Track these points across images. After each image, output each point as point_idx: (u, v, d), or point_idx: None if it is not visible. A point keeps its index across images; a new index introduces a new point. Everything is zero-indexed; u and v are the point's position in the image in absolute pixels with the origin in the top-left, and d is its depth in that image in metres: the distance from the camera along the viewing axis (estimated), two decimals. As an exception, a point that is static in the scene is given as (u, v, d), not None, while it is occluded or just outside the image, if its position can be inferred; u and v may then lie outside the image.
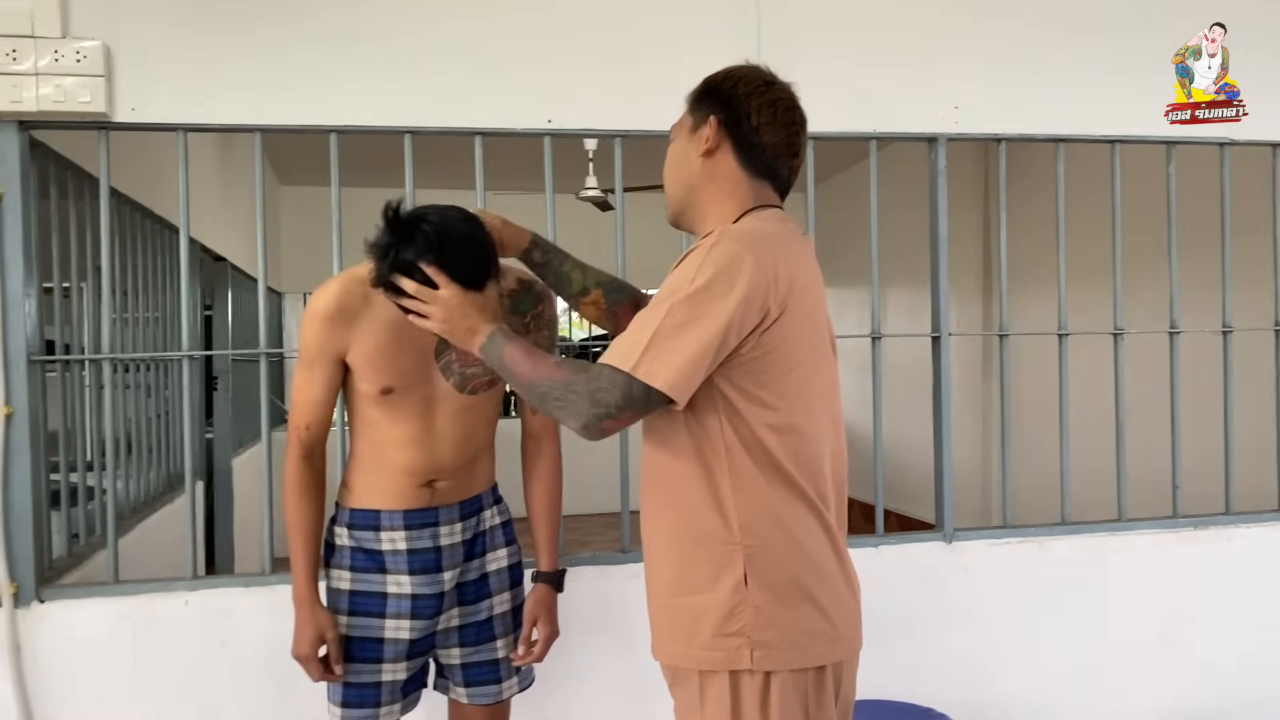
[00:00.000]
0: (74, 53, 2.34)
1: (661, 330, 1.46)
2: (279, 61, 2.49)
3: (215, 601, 2.46)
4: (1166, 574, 2.93)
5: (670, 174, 1.72)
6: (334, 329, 1.88)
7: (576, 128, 2.65)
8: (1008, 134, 2.84)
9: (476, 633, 2.05)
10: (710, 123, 1.64)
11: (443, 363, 1.94)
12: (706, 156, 1.65)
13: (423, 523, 1.97)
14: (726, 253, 1.48)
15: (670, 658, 1.60)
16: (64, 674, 2.37)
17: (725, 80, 1.67)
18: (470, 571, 2.04)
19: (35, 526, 2.39)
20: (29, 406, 2.37)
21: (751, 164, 1.65)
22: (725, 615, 1.52)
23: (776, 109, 1.64)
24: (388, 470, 1.96)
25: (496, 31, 2.59)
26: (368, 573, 1.98)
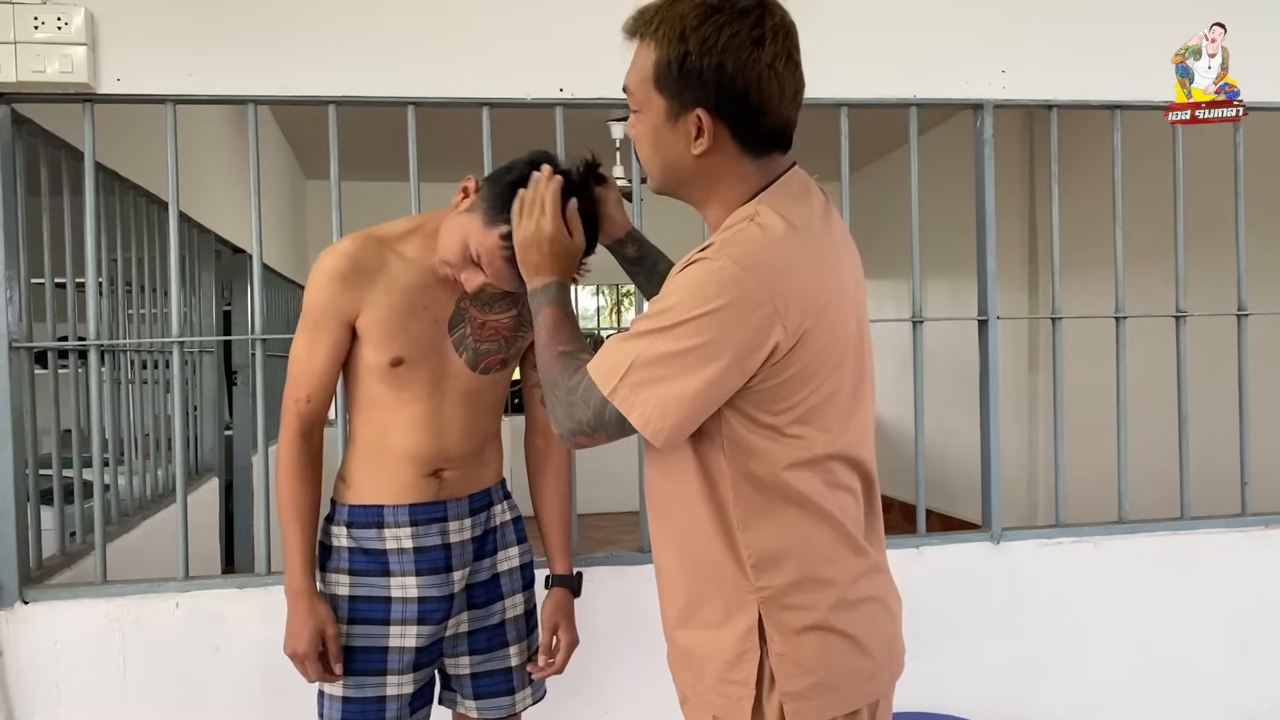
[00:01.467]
0: (55, 20, 2.20)
1: (642, 358, 1.26)
2: (275, 30, 2.35)
3: (207, 604, 2.31)
4: (1234, 577, 2.71)
5: (650, 157, 1.39)
6: (347, 288, 1.71)
7: (591, 97, 2.47)
8: (1060, 100, 2.63)
9: (488, 639, 1.88)
10: (698, 118, 1.30)
11: (456, 336, 1.78)
12: (702, 156, 1.32)
13: (430, 518, 1.79)
14: (729, 280, 1.23)
15: (681, 685, 1.44)
16: (48, 679, 2.24)
17: (703, 56, 1.26)
18: (481, 572, 1.87)
19: (18, 523, 2.25)
20: (11, 395, 2.24)
21: (757, 143, 1.33)
22: (732, 661, 1.33)
23: (777, 69, 1.28)
24: (391, 459, 1.78)
25: None
26: (369, 575, 1.79)
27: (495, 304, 1.79)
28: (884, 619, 1.38)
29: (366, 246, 1.74)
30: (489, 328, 1.81)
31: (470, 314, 1.79)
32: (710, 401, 1.26)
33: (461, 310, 1.79)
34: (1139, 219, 3.09)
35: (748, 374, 1.25)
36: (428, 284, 1.75)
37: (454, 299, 1.78)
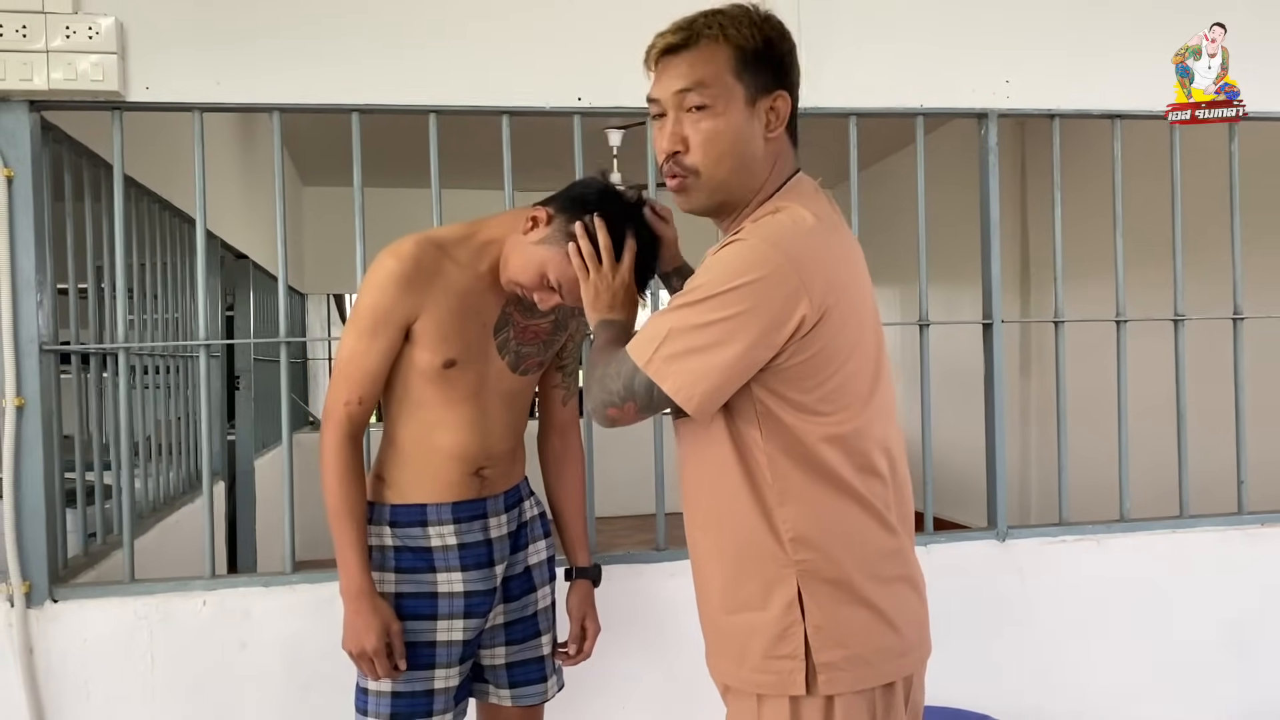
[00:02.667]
0: (86, 29, 2.24)
1: (677, 330, 1.33)
2: (298, 40, 2.39)
3: (234, 602, 2.35)
4: (1232, 573, 2.78)
5: (723, 157, 1.41)
6: (409, 292, 1.74)
7: (608, 105, 2.53)
8: (1062, 110, 2.70)
9: (523, 629, 1.95)
10: (779, 100, 1.41)
11: (500, 339, 1.85)
12: (772, 140, 1.42)
13: (472, 515, 1.85)
14: (760, 257, 1.31)
15: (721, 675, 1.48)
16: (77, 676, 2.27)
17: (783, 40, 1.42)
18: (515, 565, 1.94)
19: (49, 524, 2.29)
20: (41, 398, 2.28)
21: (793, 129, 1.46)
22: (777, 636, 1.38)
23: (794, 56, 1.45)
24: (437, 458, 1.83)
25: (523, 6, 2.48)
26: (415, 573, 1.83)
27: (537, 310, 1.84)
28: (913, 599, 1.44)
29: (427, 250, 1.77)
30: (530, 331, 1.88)
31: (514, 318, 1.86)
32: (740, 372, 1.32)
33: (506, 314, 1.85)
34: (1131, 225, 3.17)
35: (775, 347, 1.31)
36: (479, 289, 1.81)
37: (500, 303, 1.84)
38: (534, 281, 1.74)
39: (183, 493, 3.96)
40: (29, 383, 2.27)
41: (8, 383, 2.25)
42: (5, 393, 2.25)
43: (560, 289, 1.73)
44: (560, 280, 1.71)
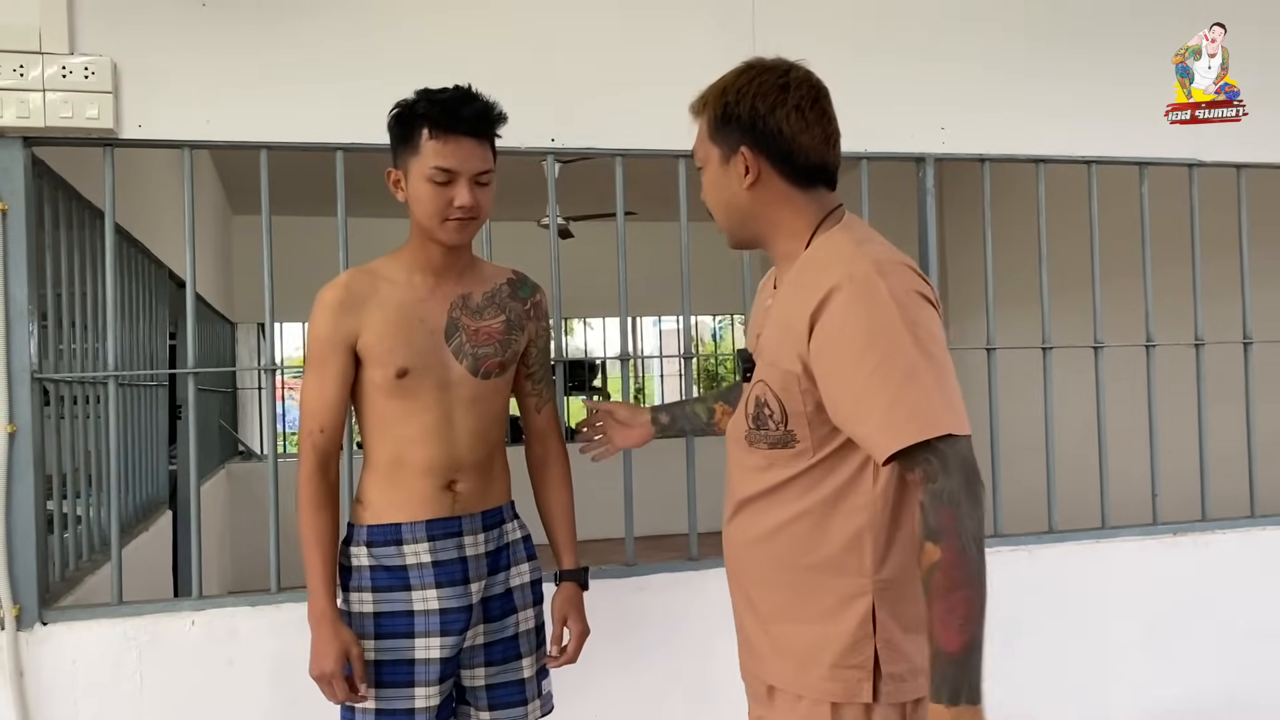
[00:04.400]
0: (82, 68, 2.33)
1: (910, 388, 1.35)
2: (283, 80, 2.50)
3: (222, 621, 2.43)
4: (1149, 579, 3.03)
5: (715, 206, 1.63)
6: (344, 315, 1.90)
7: (578, 146, 2.69)
8: (991, 154, 2.95)
9: (503, 650, 2.00)
10: (743, 155, 1.55)
11: (454, 345, 1.95)
12: (752, 189, 1.56)
13: (446, 532, 1.93)
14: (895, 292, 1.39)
15: (778, 679, 1.55)
16: (67, 697, 2.32)
17: (739, 102, 1.54)
18: (495, 585, 2.00)
19: (39, 547, 2.34)
20: (33, 426, 2.34)
21: (800, 176, 1.56)
22: (847, 648, 1.47)
23: (803, 111, 1.53)
24: (407, 475, 1.93)
25: (498, 51, 2.63)
26: (391, 591, 1.91)
27: (484, 311, 1.98)
28: None
29: (357, 276, 1.95)
30: (483, 333, 1.97)
31: (463, 322, 1.96)
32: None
33: (454, 319, 1.96)
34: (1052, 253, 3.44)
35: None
36: (419, 299, 1.94)
37: (445, 310, 1.95)
38: (432, 196, 1.86)
39: (137, 521, 3.96)
40: (21, 410, 2.32)
41: (0, 410, 2.30)
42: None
43: (448, 174, 1.84)
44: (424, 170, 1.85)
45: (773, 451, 1.52)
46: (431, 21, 2.59)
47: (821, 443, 1.48)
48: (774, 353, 1.52)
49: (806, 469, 1.50)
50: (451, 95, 1.88)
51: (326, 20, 2.53)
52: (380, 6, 2.56)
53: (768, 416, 1.52)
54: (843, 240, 1.51)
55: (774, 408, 1.50)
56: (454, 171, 1.85)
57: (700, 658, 2.68)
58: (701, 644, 2.68)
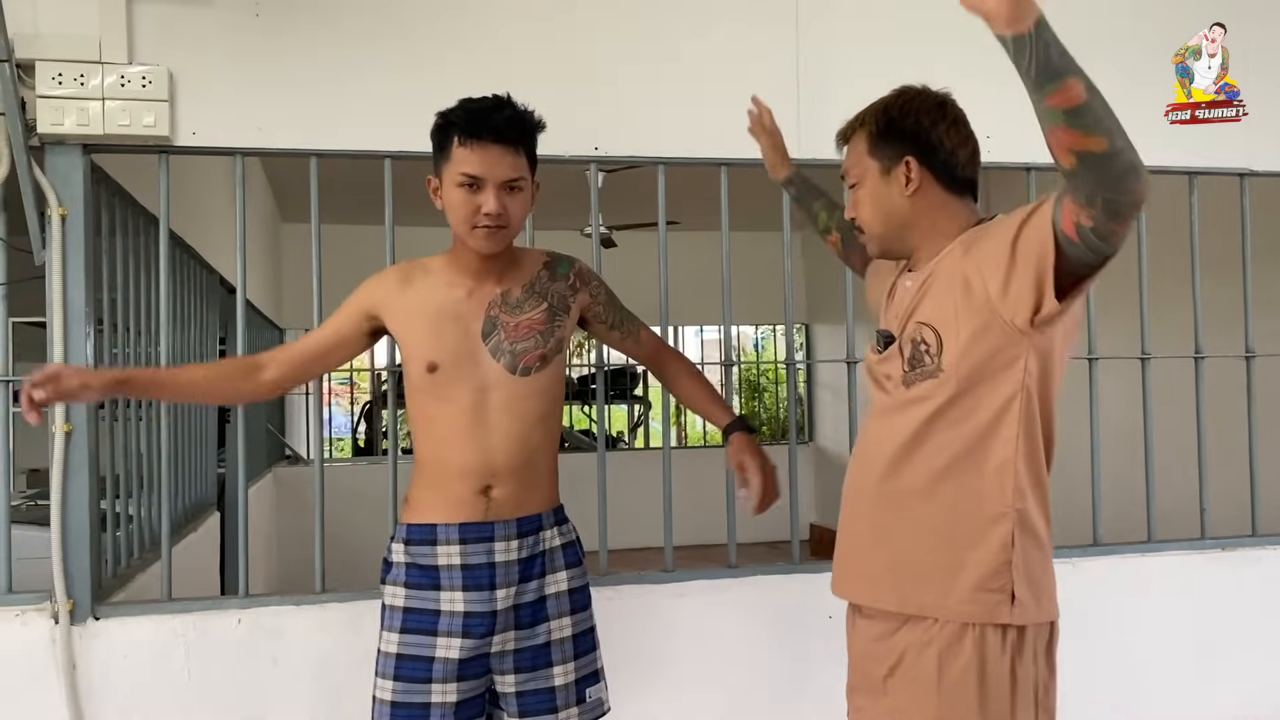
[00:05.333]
0: (139, 77, 2.39)
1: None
2: (334, 89, 2.55)
3: (267, 620, 2.47)
4: (1196, 594, 2.99)
5: (872, 216, 1.78)
6: (381, 287, 2.03)
7: (622, 154, 2.72)
8: (1038, 163, 2.93)
9: (532, 658, 2.00)
10: (908, 164, 1.71)
11: (491, 344, 1.97)
12: (913, 196, 1.72)
13: (478, 537, 1.95)
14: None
15: (917, 607, 1.66)
16: (118, 690, 2.38)
17: (905, 116, 1.73)
18: (527, 593, 1.99)
19: (92, 544, 2.40)
20: (87, 425, 2.40)
21: (955, 185, 1.73)
22: (990, 572, 1.61)
23: (959, 126, 1.74)
24: (445, 477, 1.97)
25: (543, 60, 2.67)
26: (422, 589, 1.96)
27: (524, 304, 2.01)
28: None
29: (411, 266, 2.06)
30: (521, 327, 1.99)
31: (501, 319, 1.98)
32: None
33: (492, 318, 1.98)
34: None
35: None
36: (456, 299, 1.99)
37: (484, 310, 1.98)
38: (461, 202, 1.90)
39: (186, 521, 4.04)
40: (76, 411, 2.39)
41: (57, 410, 2.36)
42: (55, 419, 2.36)
43: (475, 180, 1.88)
44: (454, 177, 1.90)
45: (925, 384, 1.67)
46: (478, 31, 2.63)
47: (968, 373, 1.62)
48: (934, 304, 1.67)
49: (953, 396, 1.64)
50: (483, 103, 1.92)
51: (375, 30, 2.58)
52: (429, 17, 2.61)
53: (924, 352, 1.68)
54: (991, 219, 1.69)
55: (930, 342, 1.67)
56: (480, 178, 1.88)
57: (741, 664, 2.69)
58: (741, 649, 2.70)
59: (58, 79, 2.33)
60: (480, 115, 1.90)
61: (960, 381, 1.63)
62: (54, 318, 2.36)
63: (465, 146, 1.88)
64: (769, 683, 2.74)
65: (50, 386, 1.82)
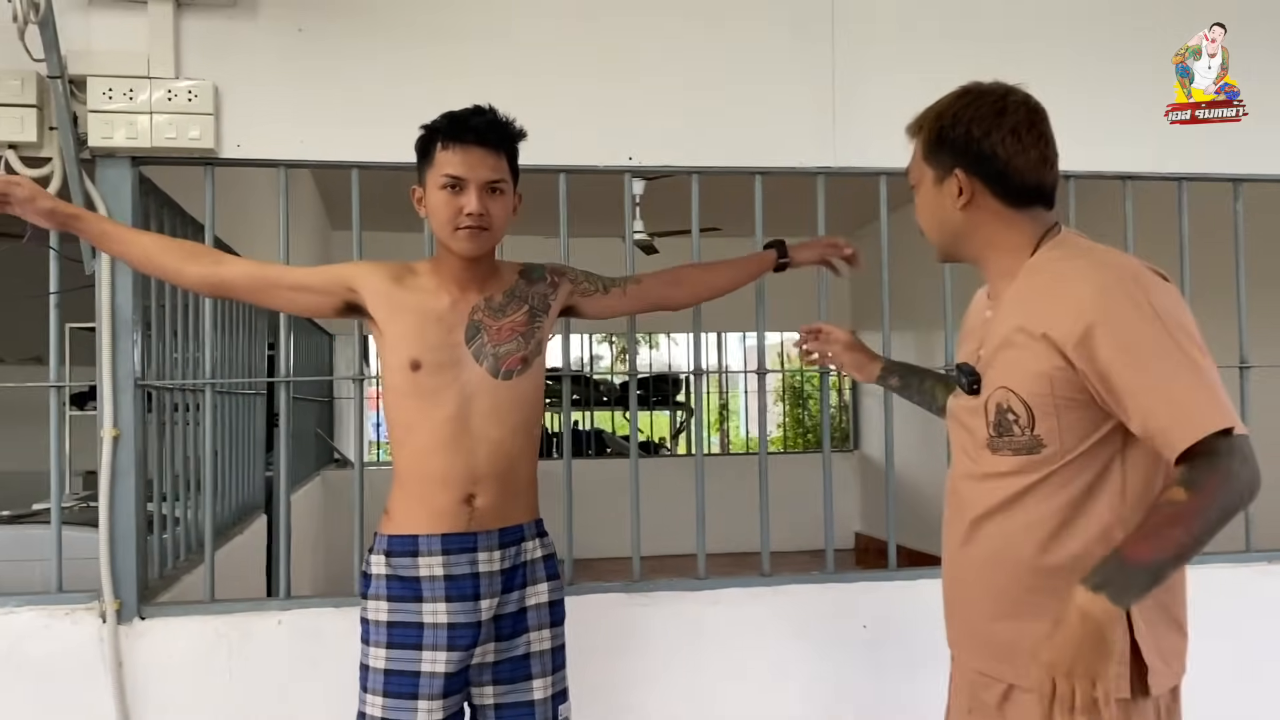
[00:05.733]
0: (186, 92, 2.46)
1: (1200, 375, 1.43)
2: (374, 101, 2.60)
3: (307, 622, 2.52)
4: (1240, 608, 2.93)
5: (927, 224, 1.72)
6: (371, 271, 2.04)
7: (655, 164, 2.74)
8: (1075, 171, 2.90)
9: (511, 670, 2.00)
10: (957, 176, 1.62)
11: (474, 347, 2.00)
12: (965, 209, 1.63)
13: (461, 548, 1.95)
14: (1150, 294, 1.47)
15: (1025, 679, 1.55)
16: (162, 689, 2.44)
17: (955, 126, 1.62)
18: (509, 604, 2.00)
19: (139, 546, 2.47)
20: (135, 430, 2.47)
21: (1014, 197, 1.61)
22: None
23: (1019, 134, 1.59)
24: (427, 486, 1.97)
25: (577, 73, 2.70)
26: (404, 601, 1.96)
27: (506, 308, 2.05)
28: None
29: (399, 265, 2.07)
30: (504, 330, 2.03)
31: (484, 324, 2.02)
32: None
33: (475, 322, 2.01)
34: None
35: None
36: (441, 306, 2.01)
37: (467, 315, 2.01)
38: (444, 204, 1.95)
39: (231, 525, 4.12)
40: (125, 415, 2.46)
41: (105, 415, 2.44)
42: (104, 424, 2.44)
43: (457, 181, 1.94)
44: (433, 183, 1.96)
45: (1019, 458, 1.57)
46: (514, 45, 2.67)
47: (1071, 446, 1.53)
48: (1015, 362, 1.57)
49: (1054, 471, 1.54)
50: (464, 111, 1.99)
51: (414, 45, 2.63)
52: (466, 34, 2.65)
53: (1012, 422, 1.57)
54: (1077, 252, 1.58)
55: (1020, 413, 1.56)
56: (463, 178, 1.92)
57: (775, 673, 2.70)
58: (775, 658, 2.70)
59: (108, 94, 2.41)
60: (462, 118, 1.96)
61: (1057, 458, 1.54)
62: (103, 325, 2.44)
63: (448, 149, 1.93)
64: (803, 692, 2.74)
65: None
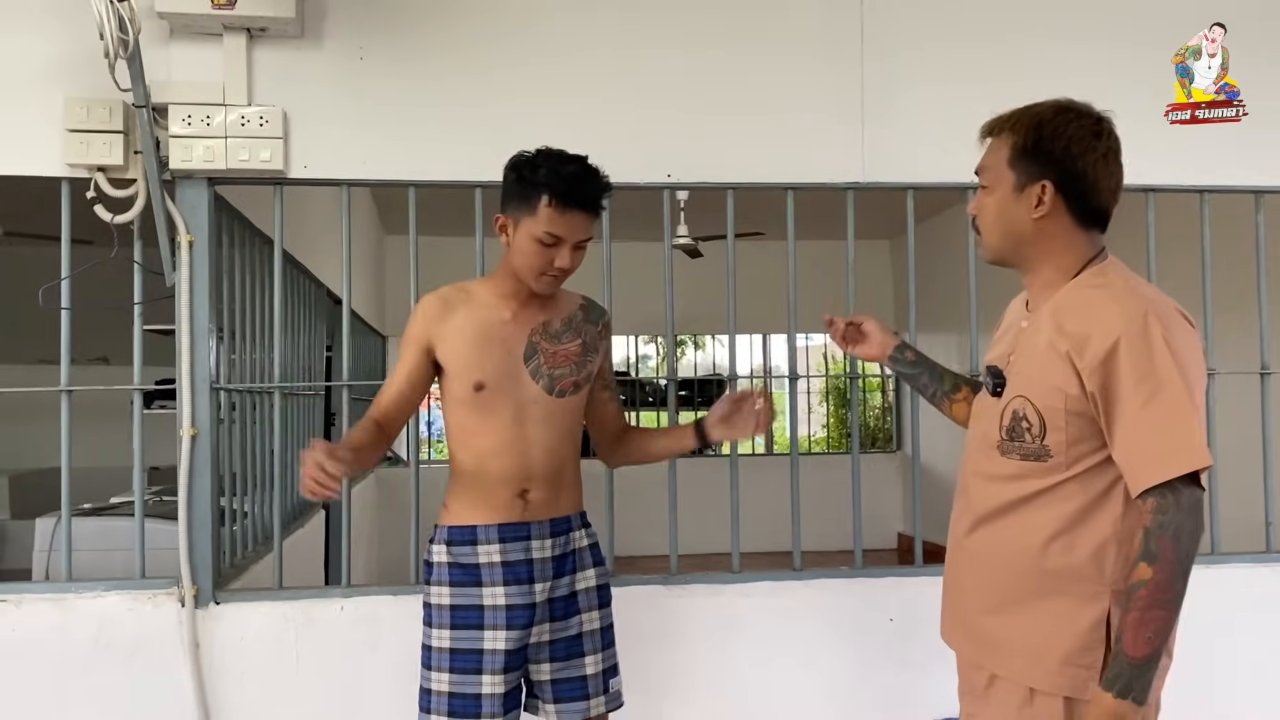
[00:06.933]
0: (257, 117, 2.66)
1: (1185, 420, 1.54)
2: (430, 123, 2.79)
3: (367, 608, 2.72)
4: (1261, 606, 3.02)
5: (992, 226, 1.75)
6: (432, 322, 2.16)
7: (692, 181, 2.90)
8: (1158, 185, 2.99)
9: (566, 648, 2.19)
10: (1044, 188, 1.67)
11: (531, 366, 2.17)
12: (1041, 220, 1.69)
13: (516, 536, 2.14)
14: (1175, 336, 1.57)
15: (1005, 671, 1.70)
16: (235, 668, 2.65)
17: (1055, 139, 1.67)
18: (560, 588, 2.19)
19: (214, 536, 2.68)
20: (210, 429, 2.68)
21: (1086, 217, 1.70)
22: (1080, 648, 1.62)
23: (1109, 160, 1.68)
24: (484, 483, 2.15)
25: (617, 95, 2.86)
26: (465, 586, 2.14)
27: (563, 336, 2.21)
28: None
29: (453, 292, 2.21)
30: (560, 355, 2.20)
31: (541, 345, 2.18)
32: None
33: (534, 343, 2.18)
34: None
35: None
36: (502, 321, 2.17)
37: (526, 335, 2.18)
38: (537, 254, 2.07)
39: (294, 518, 4.35)
40: (201, 416, 2.67)
41: (184, 415, 2.65)
42: (182, 424, 2.65)
43: (557, 240, 2.06)
44: (540, 231, 2.05)
45: (1025, 463, 1.67)
46: (561, 70, 2.84)
47: (1074, 461, 1.63)
48: (1037, 373, 1.66)
49: (1058, 483, 1.64)
50: (575, 171, 2.07)
51: (467, 71, 2.80)
52: (513, 59, 2.82)
53: (1025, 429, 1.66)
54: (1117, 280, 1.67)
55: (1033, 421, 1.65)
56: (564, 239, 2.07)
57: (803, 663, 2.84)
58: (803, 649, 2.84)
59: (187, 120, 2.61)
60: (574, 184, 2.06)
61: (1061, 469, 1.63)
62: (182, 332, 2.65)
63: (554, 209, 2.05)
64: (829, 680, 2.88)
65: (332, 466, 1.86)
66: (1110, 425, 1.58)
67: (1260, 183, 3.07)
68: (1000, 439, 1.71)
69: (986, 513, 1.74)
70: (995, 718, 1.71)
